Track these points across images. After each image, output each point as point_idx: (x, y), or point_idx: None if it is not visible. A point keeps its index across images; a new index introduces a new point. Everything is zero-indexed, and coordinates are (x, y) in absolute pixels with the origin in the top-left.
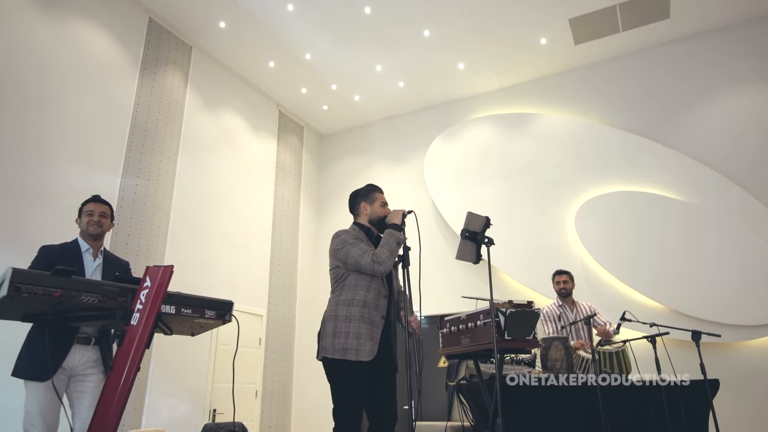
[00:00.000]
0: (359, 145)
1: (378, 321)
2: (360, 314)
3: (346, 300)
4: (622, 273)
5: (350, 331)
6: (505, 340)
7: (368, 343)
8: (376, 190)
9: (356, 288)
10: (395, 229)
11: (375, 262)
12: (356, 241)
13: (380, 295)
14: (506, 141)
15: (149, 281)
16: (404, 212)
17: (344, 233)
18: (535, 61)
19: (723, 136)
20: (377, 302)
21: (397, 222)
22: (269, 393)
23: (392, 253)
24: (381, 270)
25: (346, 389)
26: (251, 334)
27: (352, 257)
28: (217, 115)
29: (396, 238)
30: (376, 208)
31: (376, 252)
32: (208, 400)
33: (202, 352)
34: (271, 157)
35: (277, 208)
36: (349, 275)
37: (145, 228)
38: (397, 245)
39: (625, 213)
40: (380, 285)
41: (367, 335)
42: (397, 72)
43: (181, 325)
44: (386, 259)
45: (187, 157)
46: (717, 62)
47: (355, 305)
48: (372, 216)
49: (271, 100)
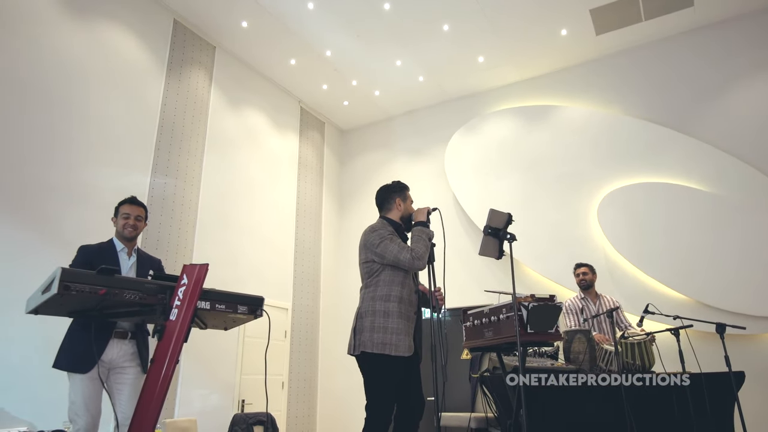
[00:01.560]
0: (380, 140)
1: (412, 317)
2: (398, 310)
3: (382, 295)
4: (645, 264)
5: (389, 326)
6: (528, 334)
7: (406, 339)
8: (407, 188)
9: (392, 284)
10: (423, 225)
11: (414, 258)
12: (393, 236)
13: (412, 291)
14: (527, 134)
15: (186, 278)
16: (429, 209)
17: (380, 228)
18: (555, 53)
19: (748, 125)
20: (411, 298)
21: (423, 219)
22: (295, 384)
23: (427, 249)
24: (419, 265)
25: (382, 383)
26: (277, 326)
27: (391, 252)
28: (240, 113)
29: (428, 234)
30: (408, 206)
31: (413, 248)
32: (237, 391)
33: (231, 344)
34: (294, 153)
35: (300, 203)
36: (383, 270)
37: (174, 225)
38: (428, 241)
39: (649, 204)
40: (412, 281)
41: (405, 331)
42: (417, 66)
43: (215, 319)
44: (423, 255)
45: (213, 156)
46: (741, 50)
47: (393, 301)
48: (404, 213)
49: (292, 96)
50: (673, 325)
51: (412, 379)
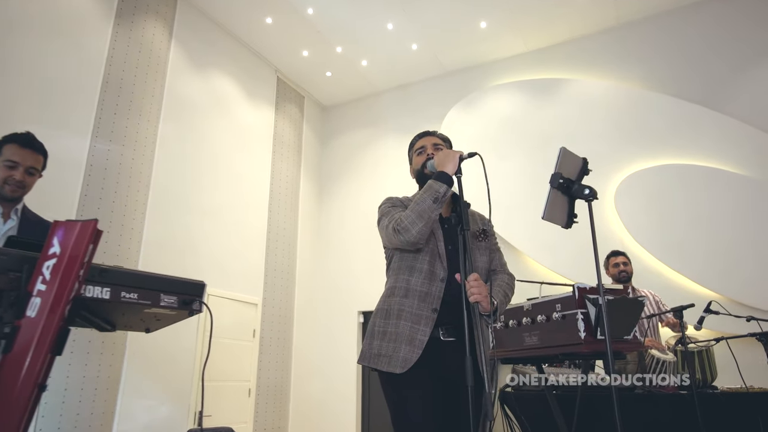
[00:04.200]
0: (366, 117)
1: (427, 315)
2: (399, 307)
3: (388, 289)
4: (669, 257)
5: (387, 330)
6: (597, 341)
7: (404, 349)
8: (419, 136)
9: (398, 272)
10: (439, 179)
11: (396, 231)
12: (394, 207)
13: (432, 278)
14: (533, 109)
15: (57, 245)
16: (461, 155)
17: (387, 201)
18: (568, 20)
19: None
20: (427, 288)
21: (447, 170)
22: (264, 391)
23: (421, 215)
24: (404, 240)
25: (393, 412)
26: (244, 325)
27: (381, 231)
28: (206, 77)
29: (433, 192)
30: (414, 161)
31: (401, 215)
32: (193, 400)
33: (188, 344)
34: (268, 128)
35: (275, 184)
36: (393, 256)
37: (119, 201)
38: (433, 202)
39: (673, 189)
40: (431, 264)
41: (406, 337)
42: (411, 32)
43: (125, 316)
44: (410, 225)
45: (171, 123)
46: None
47: (396, 295)
48: (413, 170)
49: (268, 64)
50: (739, 329)
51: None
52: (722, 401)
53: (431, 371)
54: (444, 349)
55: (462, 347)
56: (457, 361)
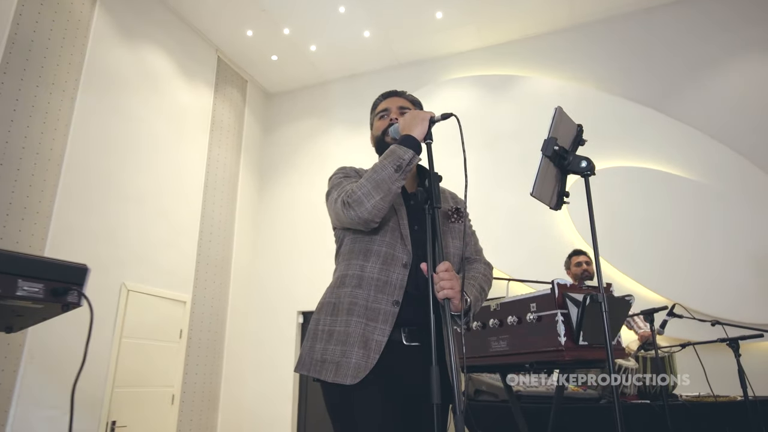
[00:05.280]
0: (313, 107)
1: (386, 310)
2: (351, 300)
3: (337, 279)
4: (620, 261)
5: (335, 329)
6: (578, 348)
7: (357, 353)
8: (383, 96)
9: (350, 257)
10: (404, 143)
11: (346, 204)
12: (347, 178)
13: (392, 263)
14: (488, 106)
15: None
16: (432, 116)
17: (342, 168)
18: (524, 17)
19: (737, 107)
20: (386, 276)
21: (414, 134)
22: (190, 398)
23: (379, 186)
24: (355, 216)
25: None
26: (170, 324)
27: (329, 207)
28: (136, 49)
29: (395, 158)
30: (374, 125)
31: (354, 185)
32: (106, 409)
33: (101, 346)
34: (206, 111)
35: (211, 172)
36: (344, 238)
37: (23, 180)
38: (395, 171)
39: (625, 192)
40: (392, 247)
41: (359, 338)
42: (364, 17)
43: None
44: (364, 197)
45: (92, 95)
46: (731, 25)
47: (347, 285)
48: (372, 137)
49: (208, 42)
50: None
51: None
52: (690, 410)
53: (389, 383)
54: (406, 356)
55: (428, 354)
56: (422, 371)
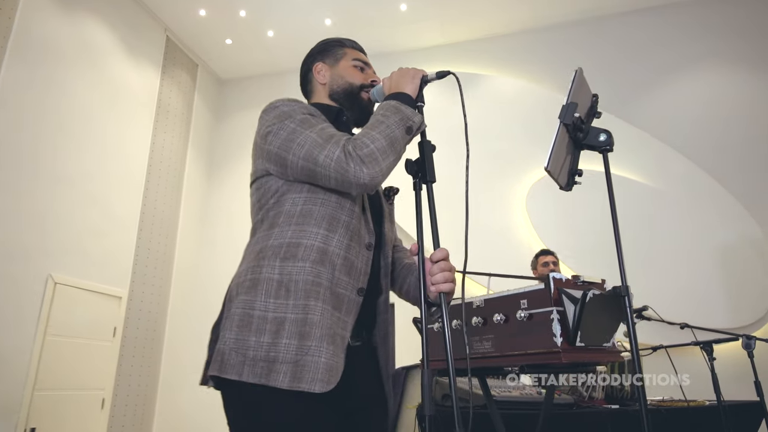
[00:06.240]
0: (269, 97)
1: (350, 299)
2: (311, 279)
3: (279, 246)
4: (579, 265)
5: (287, 316)
6: (575, 349)
7: (328, 350)
8: (339, 43)
9: (305, 219)
10: (403, 100)
11: (350, 156)
12: (309, 117)
13: (359, 242)
14: (448, 103)
15: None
16: (424, 75)
17: (285, 103)
18: (487, 15)
19: (696, 116)
20: (353, 256)
21: (407, 91)
22: (123, 402)
23: (393, 145)
24: (366, 175)
25: None
26: (102, 321)
27: (303, 145)
28: (74, 19)
29: (404, 118)
30: (342, 70)
31: (357, 136)
32: (24, 415)
33: (21, 344)
34: (152, 92)
35: (155, 158)
36: (288, 192)
37: None
38: (405, 131)
39: (582, 195)
40: (359, 221)
41: (327, 331)
42: (326, 4)
43: None
44: (381, 155)
45: (20, 66)
46: (695, 34)
47: (303, 259)
48: (335, 84)
49: (156, 19)
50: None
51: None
52: (664, 416)
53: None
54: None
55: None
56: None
